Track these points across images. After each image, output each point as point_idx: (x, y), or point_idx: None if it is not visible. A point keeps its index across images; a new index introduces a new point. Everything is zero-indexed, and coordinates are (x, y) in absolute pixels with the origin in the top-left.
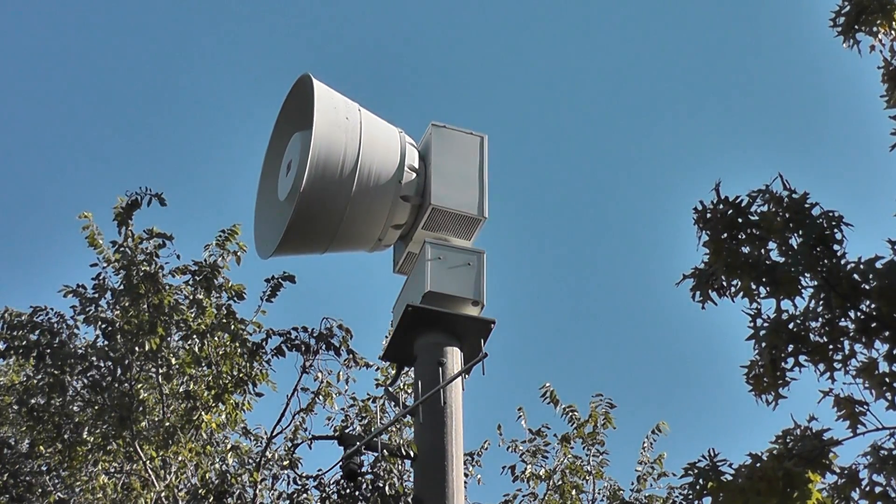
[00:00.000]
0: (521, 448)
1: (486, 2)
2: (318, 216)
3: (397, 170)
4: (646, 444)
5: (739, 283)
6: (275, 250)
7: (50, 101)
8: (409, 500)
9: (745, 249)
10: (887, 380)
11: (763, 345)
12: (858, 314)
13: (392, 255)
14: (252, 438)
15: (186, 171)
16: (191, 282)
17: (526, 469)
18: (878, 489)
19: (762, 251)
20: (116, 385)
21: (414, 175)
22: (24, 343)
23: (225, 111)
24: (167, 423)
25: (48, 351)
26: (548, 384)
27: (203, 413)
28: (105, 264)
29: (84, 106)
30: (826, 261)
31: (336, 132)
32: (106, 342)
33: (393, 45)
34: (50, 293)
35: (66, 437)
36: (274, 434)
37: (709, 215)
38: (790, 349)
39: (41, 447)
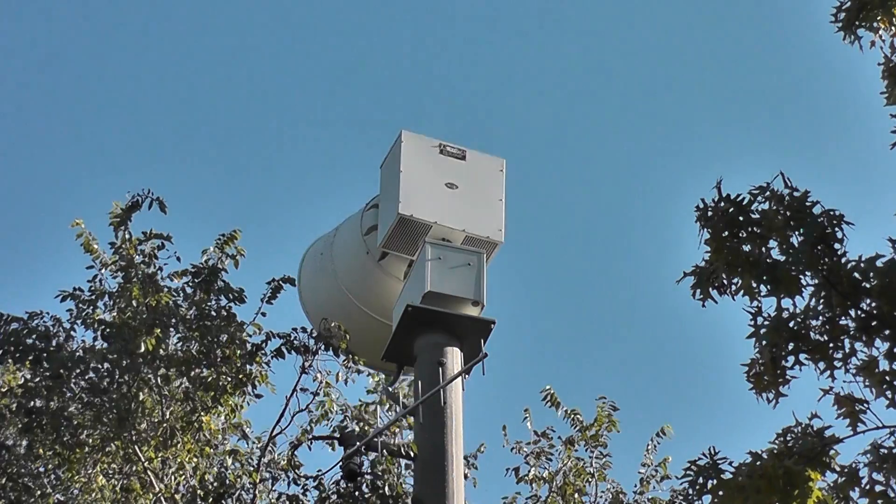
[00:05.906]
0: (525, 450)
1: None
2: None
3: (361, 247)
4: (649, 447)
5: (740, 281)
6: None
7: (48, 103)
8: (409, 500)
9: (746, 247)
10: (887, 378)
11: (763, 343)
12: (859, 312)
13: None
14: (250, 440)
15: (186, 173)
16: (190, 283)
17: (530, 471)
18: (878, 488)
19: (763, 249)
20: (115, 387)
21: (374, 232)
22: (21, 348)
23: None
24: (165, 425)
25: (44, 355)
26: (548, 387)
27: (202, 414)
28: (101, 267)
29: (83, 108)
30: (827, 259)
31: (318, 280)
32: (104, 344)
33: (394, 50)
34: (47, 298)
35: (64, 438)
36: (274, 435)
37: (710, 213)
38: (791, 347)
39: (40, 449)
